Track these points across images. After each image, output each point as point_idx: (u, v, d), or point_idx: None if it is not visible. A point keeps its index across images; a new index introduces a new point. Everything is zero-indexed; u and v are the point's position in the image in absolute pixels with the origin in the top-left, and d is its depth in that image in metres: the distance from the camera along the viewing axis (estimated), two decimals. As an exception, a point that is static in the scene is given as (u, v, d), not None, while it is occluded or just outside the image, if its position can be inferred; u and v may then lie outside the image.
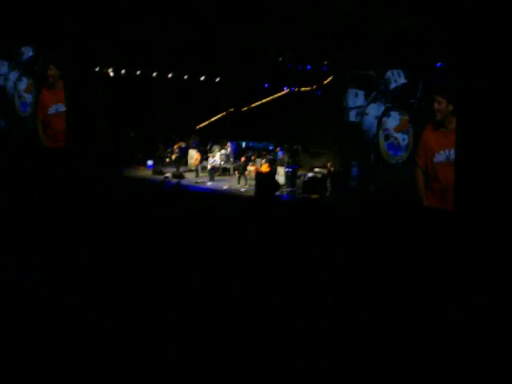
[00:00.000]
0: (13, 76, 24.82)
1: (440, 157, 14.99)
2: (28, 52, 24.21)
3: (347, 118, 16.33)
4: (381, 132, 16.56)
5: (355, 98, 16.14)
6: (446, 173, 14.68)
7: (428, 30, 22.03)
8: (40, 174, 26.67)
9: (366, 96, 16.15)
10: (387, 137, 16.66)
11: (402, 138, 16.28)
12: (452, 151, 14.11)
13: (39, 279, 18.51)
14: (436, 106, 15.42)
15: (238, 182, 26.30)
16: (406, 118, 16.09)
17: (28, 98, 24.85)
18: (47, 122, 23.82)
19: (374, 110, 16.05)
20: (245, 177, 26.30)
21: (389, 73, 15.89)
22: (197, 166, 27.41)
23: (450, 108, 14.67)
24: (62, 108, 23.11)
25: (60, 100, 23.27)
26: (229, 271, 19.60)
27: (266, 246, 21.36)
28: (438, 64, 21.17)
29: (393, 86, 16.04)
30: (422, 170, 15.49)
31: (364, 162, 16.44)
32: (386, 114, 16.34)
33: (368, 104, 16.22)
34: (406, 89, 15.89)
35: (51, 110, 23.86)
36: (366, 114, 16.24)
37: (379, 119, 16.36)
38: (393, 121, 16.37)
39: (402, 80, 15.72)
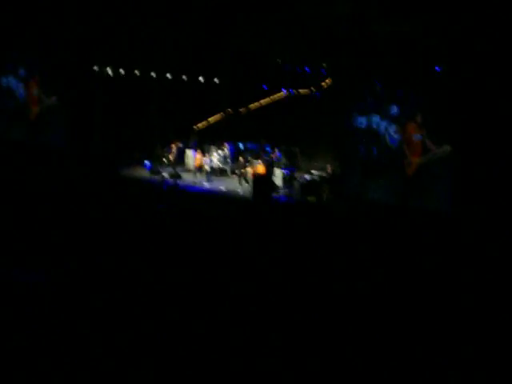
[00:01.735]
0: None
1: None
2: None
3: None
4: (386, 134, 23.22)
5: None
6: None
7: (425, 34, 22.23)
8: (38, 173, 26.78)
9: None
10: (390, 135, 23.15)
11: (397, 137, 22.98)
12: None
13: (38, 278, 18.62)
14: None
15: (240, 184, 26.33)
16: (399, 127, 23.01)
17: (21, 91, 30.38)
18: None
19: (383, 123, 23.29)
20: (244, 178, 26.33)
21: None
22: (198, 166, 27.37)
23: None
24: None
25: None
26: (225, 270, 19.71)
27: (261, 247, 21.44)
28: (436, 67, 21.48)
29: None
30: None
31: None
32: (389, 125, 23.18)
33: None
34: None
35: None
36: (379, 125, 23.32)
37: (386, 128, 23.23)
38: (392, 128, 23.25)
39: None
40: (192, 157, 27.89)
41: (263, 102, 28.17)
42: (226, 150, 27.88)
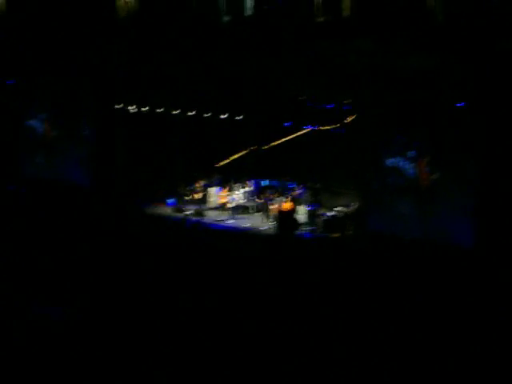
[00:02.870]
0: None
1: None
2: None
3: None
4: (405, 169, 23.40)
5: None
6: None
7: (448, 69, 22.17)
8: (63, 209, 26.97)
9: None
10: (408, 169, 23.24)
11: (413, 171, 23.39)
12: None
13: (57, 314, 18.62)
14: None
15: (264, 221, 26.21)
16: (415, 164, 23.34)
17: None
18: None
19: (404, 162, 23.59)
20: (267, 215, 26.26)
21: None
22: (222, 203, 27.34)
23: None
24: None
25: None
26: (247, 308, 19.60)
27: (285, 284, 21.31)
28: (459, 104, 21.44)
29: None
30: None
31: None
32: (408, 163, 23.48)
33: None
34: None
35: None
36: (402, 163, 23.58)
37: (406, 165, 23.54)
38: (410, 165, 23.43)
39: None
40: (215, 194, 27.83)
41: (286, 139, 28.07)
42: (250, 188, 27.82)
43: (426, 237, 22.81)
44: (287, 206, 25.56)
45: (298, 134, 27.19)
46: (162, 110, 28.44)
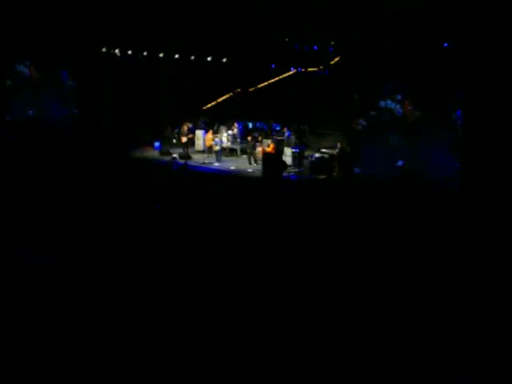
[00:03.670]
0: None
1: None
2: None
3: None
4: (395, 109, 23.76)
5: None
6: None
7: (435, 11, 22.20)
8: (49, 153, 26.96)
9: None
10: (397, 110, 23.66)
11: (400, 110, 23.71)
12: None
13: (46, 260, 18.75)
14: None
15: (249, 163, 26.38)
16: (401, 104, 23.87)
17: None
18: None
19: (393, 104, 23.92)
20: (253, 157, 26.40)
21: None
22: (209, 146, 27.38)
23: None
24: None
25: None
26: (235, 248, 19.82)
27: (271, 225, 21.52)
28: (445, 44, 21.56)
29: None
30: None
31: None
32: (396, 104, 23.86)
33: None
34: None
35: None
36: (391, 105, 23.85)
37: (395, 106, 23.84)
38: (399, 106, 23.75)
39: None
40: (202, 137, 27.88)
41: (272, 81, 28.05)
42: (236, 130, 27.86)
43: (411, 176, 23.22)
44: (272, 148, 25.68)
45: (284, 75, 27.17)
46: (146, 53, 28.37)
